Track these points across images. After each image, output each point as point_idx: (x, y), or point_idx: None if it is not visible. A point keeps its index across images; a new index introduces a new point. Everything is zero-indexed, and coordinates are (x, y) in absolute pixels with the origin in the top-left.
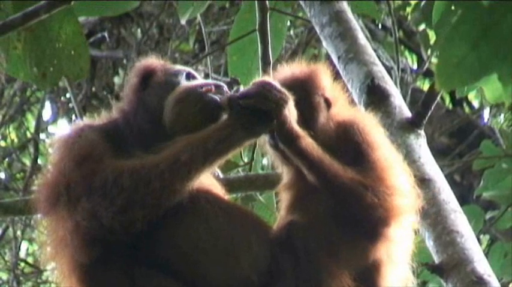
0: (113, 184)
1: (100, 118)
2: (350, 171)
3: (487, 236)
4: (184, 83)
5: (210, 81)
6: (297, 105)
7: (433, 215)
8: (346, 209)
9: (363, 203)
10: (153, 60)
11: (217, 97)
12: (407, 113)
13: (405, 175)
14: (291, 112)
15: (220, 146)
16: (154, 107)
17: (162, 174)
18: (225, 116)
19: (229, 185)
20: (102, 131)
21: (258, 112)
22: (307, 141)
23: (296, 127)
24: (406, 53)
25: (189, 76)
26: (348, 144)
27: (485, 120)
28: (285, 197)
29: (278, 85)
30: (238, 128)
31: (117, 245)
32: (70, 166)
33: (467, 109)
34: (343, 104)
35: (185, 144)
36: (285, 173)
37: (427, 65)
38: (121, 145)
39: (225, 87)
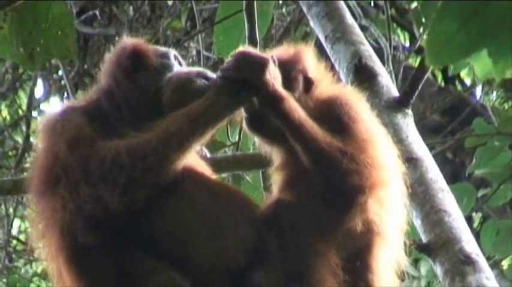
0: (111, 165)
1: (80, 100)
2: (330, 137)
3: (479, 214)
4: (178, 67)
5: (196, 68)
6: None
7: (420, 194)
8: (323, 176)
9: (339, 168)
10: (138, 41)
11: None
12: (394, 93)
13: (387, 148)
14: (272, 75)
15: (205, 116)
16: (152, 90)
17: (156, 148)
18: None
19: (217, 165)
20: (86, 113)
21: (239, 82)
22: (291, 103)
23: (279, 89)
24: (399, 30)
25: (176, 58)
26: (330, 118)
27: (478, 97)
28: (277, 179)
29: (255, 52)
30: (222, 97)
31: (109, 227)
32: (63, 148)
33: (459, 87)
34: (328, 84)
35: (173, 118)
36: (275, 155)
37: (419, 42)
38: (106, 126)
39: (210, 73)
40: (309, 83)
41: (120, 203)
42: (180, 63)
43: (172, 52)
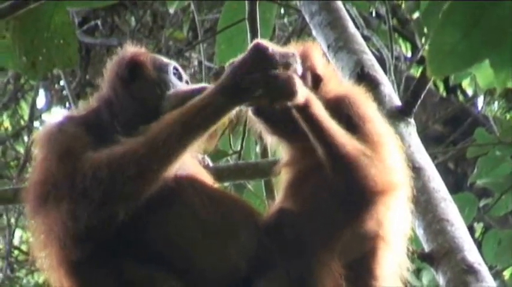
0: (92, 178)
1: (80, 109)
2: (353, 140)
3: (481, 224)
4: (176, 81)
5: (196, 85)
6: None
7: (423, 203)
8: (345, 180)
9: (361, 173)
10: (138, 51)
11: None
12: (397, 102)
13: (396, 150)
14: (298, 86)
15: (198, 118)
16: (147, 102)
17: (139, 159)
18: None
19: (219, 174)
20: (83, 123)
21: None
22: (317, 107)
23: (305, 95)
24: (400, 41)
25: (176, 70)
26: (339, 117)
27: (479, 108)
28: (283, 178)
29: (279, 72)
30: (222, 97)
31: (105, 238)
32: (54, 163)
33: (461, 97)
34: (336, 82)
35: (164, 123)
36: (282, 150)
37: (421, 53)
38: (104, 135)
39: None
40: (317, 80)
41: (96, 219)
42: (180, 76)
43: (172, 65)
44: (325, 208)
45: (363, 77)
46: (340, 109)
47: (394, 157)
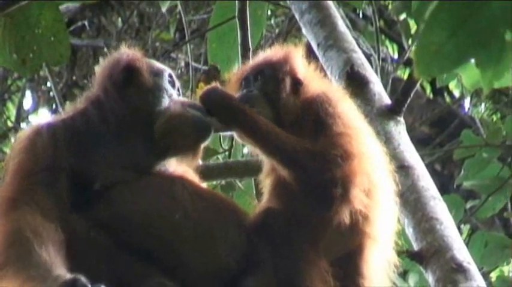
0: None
1: (67, 111)
2: (295, 140)
3: (468, 226)
4: (169, 88)
5: (189, 100)
6: (266, 84)
7: (412, 202)
8: (297, 180)
9: (309, 169)
10: (135, 54)
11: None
12: (386, 100)
13: (366, 140)
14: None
15: None
16: (142, 110)
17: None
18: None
19: (209, 172)
20: (64, 130)
21: None
22: (249, 116)
23: (234, 105)
24: (387, 42)
25: (170, 77)
26: (311, 116)
27: (466, 109)
28: (266, 184)
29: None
30: None
31: (95, 234)
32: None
33: (448, 99)
34: (318, 83)
35: None
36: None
37: (407, 54)
38: (89, 138)
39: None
40: (297, 84)
41: None
42: (173, 83)
43: (167, 71)
44: (303, 210)
45: (352, 75)
46: (312, 108)
47: (361, 145)
